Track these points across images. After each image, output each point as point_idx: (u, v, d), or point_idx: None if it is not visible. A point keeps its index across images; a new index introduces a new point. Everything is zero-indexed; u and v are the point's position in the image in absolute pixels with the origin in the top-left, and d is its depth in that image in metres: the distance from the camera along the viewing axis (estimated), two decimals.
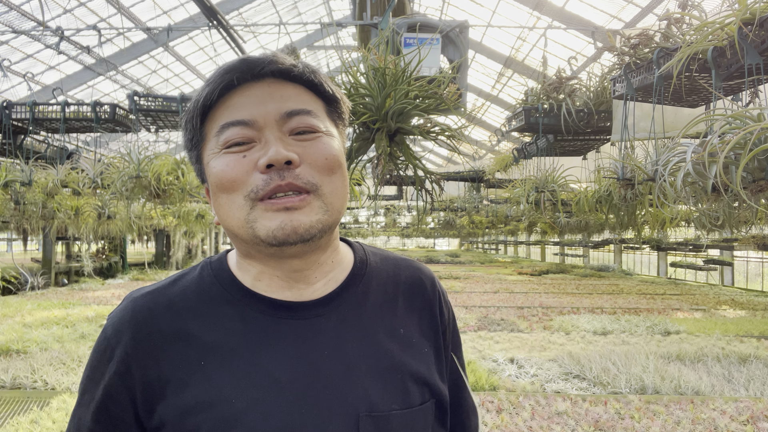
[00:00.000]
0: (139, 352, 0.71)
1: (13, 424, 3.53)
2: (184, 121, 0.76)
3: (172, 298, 0.75)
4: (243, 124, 0.70)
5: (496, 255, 35.71)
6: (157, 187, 4.39)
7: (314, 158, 0.71)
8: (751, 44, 2.08)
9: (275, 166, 0.68)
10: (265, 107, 0.71)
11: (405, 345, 0.80)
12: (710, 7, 2.79)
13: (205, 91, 0.71)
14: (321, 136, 0.73)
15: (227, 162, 0.70)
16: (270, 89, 0.72)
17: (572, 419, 3.70)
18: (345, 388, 0.72)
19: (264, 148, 0.70)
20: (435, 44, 3.53)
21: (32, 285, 11.98)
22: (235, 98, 0.71)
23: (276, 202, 0.69)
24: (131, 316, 0.73)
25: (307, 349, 0.73)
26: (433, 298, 0.87)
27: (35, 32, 7.63)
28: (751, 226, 4.36)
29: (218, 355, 0.71)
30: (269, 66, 0.71)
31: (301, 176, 0.69)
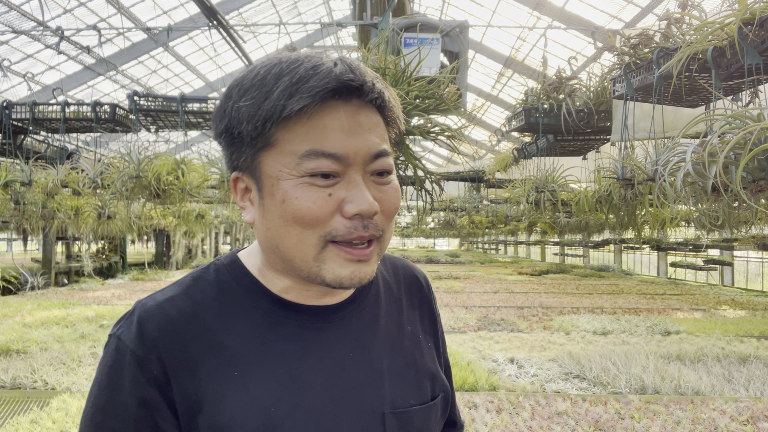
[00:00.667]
0: (174, 362, 0.68)
1: (13, 424, 3.53)
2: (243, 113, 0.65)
3: (195, 306, 0.72)
4: (335, 158, 0.65)
5: (496, 255, 35.71)
6: (157, 187, 4.39)
7: (388, 206, 0.70)
8: (751, 44, 2.08)
9: (362, 215, 0.66)
10: (356, 142, 0.66)
11: (414, 342, 0.83)
12: (710, 7, 2.79)
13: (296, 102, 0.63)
14: (393, 179, 0.71)
15: (314, 199, 0.65)
16: (359, 118, 0.67)
17: (572, 419, 3.70)
18: (370, 387, 0.74)
19: (349, 190, 0.65)
20: (435, 44, 3.53)
21: (32, 285, 11.98)
22: (325, 118, 0.65)
23: (351, 252, 0.67)
24: (158, 326, 0.69)
25: (334, 351, 0.74)
26: (429, 294, 0.92)
27: (35, 32, 7.63)
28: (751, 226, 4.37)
29: (251, 363, 0.70)
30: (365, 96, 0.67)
31: (378, 226, 0.68)
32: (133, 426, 0.67)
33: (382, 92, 0.68)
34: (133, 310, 0.72)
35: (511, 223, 13.37)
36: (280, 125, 0.65)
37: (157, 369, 0.67)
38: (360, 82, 0.65)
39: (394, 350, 0.80)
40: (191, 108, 4.66)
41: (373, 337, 0.79)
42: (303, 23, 7.06)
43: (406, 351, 0.81)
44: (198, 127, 5.05)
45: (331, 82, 0.63)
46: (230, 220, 15.59)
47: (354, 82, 0.64)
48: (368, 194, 0.66)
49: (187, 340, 0.69)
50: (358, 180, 0.66)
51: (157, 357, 0.67)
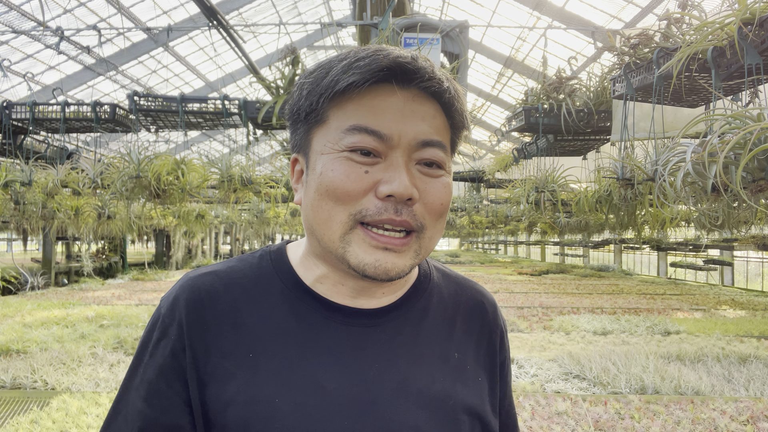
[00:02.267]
0: (193, 333, 0.69)
1: (13, 424, 3.53)
2: (304, 90, 0.68)
3: (230, 283, 0.73)
4: (377, 135, 0.64)
5: (496, 255, 35.72)
6: (157, 187, 4.40)
7: (432, 200, 0.67)
8: (751, 44, 2.08)
9: (395, 198, 0.64)
10: (405, 125, 0.65)
11: (459, 371, 0.76)
12: (710, 7, 2.79)
13: (348, 78, 0.63)
14: (444, 175, 0.69)
15: (348, 172, 0.64)
16: (414, 105, 0.66)
17: (572, 419, 3.70)
18: (392, 407, 0.68)
19: (388, 171, 0.64)
20: (435, 44, 3.53)
21: (32, 285, 11.98)
22: (376, 99, 0.65)
23: (379, 238, 0.65)
24: (188, 296, 0.71)
25: (358, 358, 0.70)
26: (494, 325, 0.83)
27: (35, 32, 7.64)
28: (751, 226, 4.37)
29: (267, 349, 0.69)
30: (425, 82, 0.65)
31: (416, 216, 0.65)
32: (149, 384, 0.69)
33: (441, 82, 0.66)
34: (179, 280, 0.75)
35: (511, 223, 13.38)
36: (333, 102, 0.66)
37: (175, 335, 0.69)
38: (416, 66, 0.64)
39: (432, 375, 0.72)
40: (191, 108, 4.66)
41: (408, 354, 0.72)
42: (303, 23, 7.06)
43: (446, 378, 0.73)
44: (198, 127, 5.05)
45: (384, 60, 0.63)
46: (230, 220, 15.59)
47: (409, 64, 0.64)
48: (406, 177, 0.64)
49: (207, 314, 0.70)
50: (398, 163, 0.65)
51: (179, 325, 0.69)
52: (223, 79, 15.42)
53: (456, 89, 0.68)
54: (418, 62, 0.65)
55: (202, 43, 13.20)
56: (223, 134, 18.61)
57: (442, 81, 0.66)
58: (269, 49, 14.51)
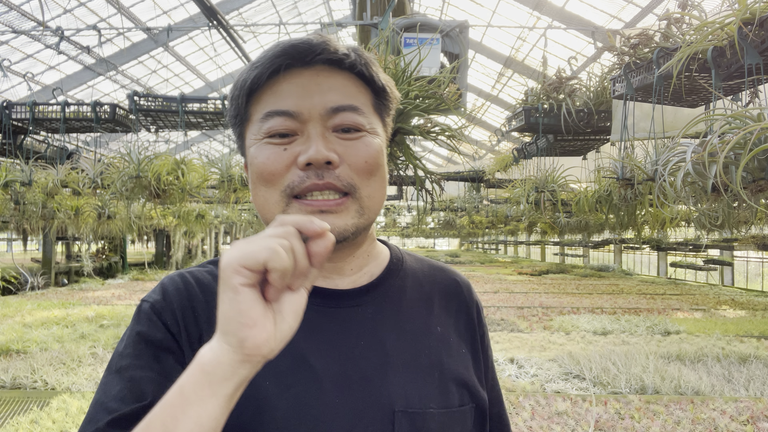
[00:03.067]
0: (186, 319, 0.70)
1: (13, 424, 3.53)
2: (230, 98, 0.74)
3: (207, 276, 0.76)
4: (287, 114, 0.68)
5: (496, 255, 35.71)
6: (157, 187, 4.40)
7: (355, 160, 0.69)
8: (751, 44, 2.08)
9: (314, 165, 0.67)
10: (311, 99, 0.69)
11: (442, 343, 0.78)
12: (710, 7, 2.79)
13: (253, 73, 0.69)
14: (364, 135, 0.71)
15: (268, 154, 0.69)
16: (318, 79, 0.69)
17: (572, 419, 3.70)
18: (381, 381, 0.70)
19: (305, 144, 0.68)
20: (435, 44, 3.53)
21: (32, 285, 11.98)
22: (282, 84, 0.69)
23: (311, 203, 0.68)
24: (177, 287, 0.73)
25: (343, 338, 0.72)
26: (470, 301, 0.86)
27: (35, 32, 7.63)
28: (751, 226, 4.37)
29: None
30: (321, 55, 0.69)
31: (341, 177, 0.68)
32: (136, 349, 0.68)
33: (338, 51, 0.69)
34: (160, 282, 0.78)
35: (511, 223, 13.38)
36: (250, 100, 0.72)
37: (171, 320, 0.71)
38: (310, 44, 0.68)
39: (416, 348, 0.75)
40: (191, 108, 4.66)
41: (392, 331, 0.75)
42: (303, 23, 7.07)
43: (431, 350, 0.76)
44: (198, 127, 5.05)
45: (278, 47, 0.68)
46: (230, 220, 15.59)
47: (302, 44, 0.68)
48: (320, 143, 0.67)
49: (196, 305, 0.72)
50: (313, 133, 0.68)
51: (172, 311, 0.71)
52: (223, 79, 15.42)
53: (359, 54, 0.71)
54: (313, 41, 0.68)
55: (202, 43, 13.20)
56: (223, 134, 18.61)
57: (338, 50, 0.69)
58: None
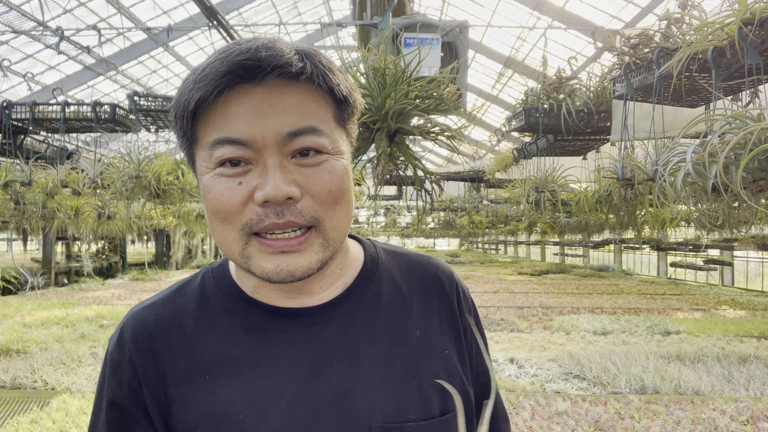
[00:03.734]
0: (145, 366, 0.69)
1: (13, 424, 3.53)
2: (173, 116, 0.66)
3: (175, 309, 0.72)
4: (238, 143, 0.61)
5: (496, 255, 35.72)
6: (157, 187, 4.40)
7: (318, 190, 0.63)
8: (751, 44, 2.08)
9: (272, 202, 0.61)
10: (265, 124, 0.61)
11: (422, 348, 0.74)
12: (710, 7, 2.79)
13: (197, 94, 0.61)
14: (327, 159, 0.64)
15: (222, 190, 0.63)
16: (271, 98, 0.61)
17: (572, 419, 3.70)
18: (356, 397, 0.68)
19: (262, 176, 0.62)
20: (435, 44, 3.53)
21: (32, 285, 11.98)
22: (231, 105, 0.61)
23: (272, 244, 0.63)
24: (133, 330, 0.71)
25: (315, 357, 0.69)
26: (451, 295, 0.81)
27: (35, 32, 7.64)
28: (751, 226, 4.37)
29: (222, 367, 0.68)
30: (272, 72, 0.61)
31: (302, 212, 0.62)
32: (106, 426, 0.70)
33: (293, 63, 0.61)
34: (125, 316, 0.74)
35: (511, 223, 13.38)
36: (197, 120, 0.64)
37: (129, 373, 0.69)
38: (259, 58, 0.59)
39: (393, 357, 0.72)
40: None
41: (366, 342, 0.71)
42: (303, 23, 7.06)
43: (409, 358, 0.72)
44: None
45: (222, 66, 0.60)
46: None
47: (249, 60, 0.59)
48: (279, 178, 0.61)
49: (157, 346, 0.70)
50: (269, 164, 0.62)
51: (129, 361, 0.69)
52: None
53: (317, 62, 0.64)
54: (261, 53, 0.60)
55: (202, 43, 13.20)
56: None
57: (292, 63, 0.61)
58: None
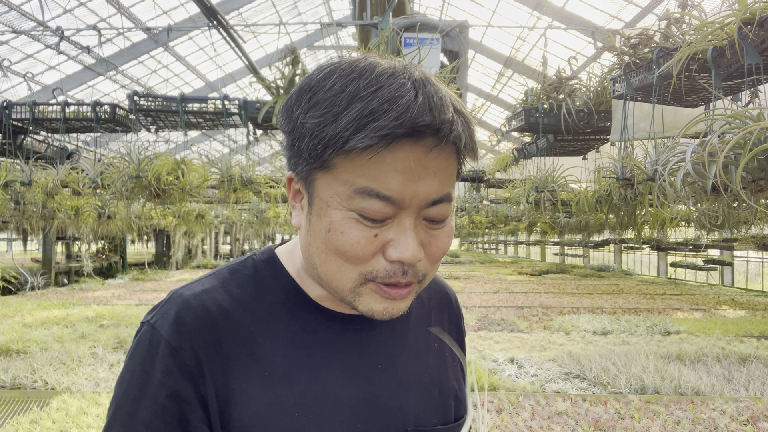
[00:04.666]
0: (210, 356, 0.66)
1: (13, 424, 3.53)
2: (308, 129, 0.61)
3: (234, 302, 0.71)
4: (388, 200, 0.60)
5: (496, 255, 35.72)
6: (157, 187, 4.40)
7: (434, 251, 0.66)
8: (750, 44, 2.08)
9: (403, 263, 0.63)
10: (417, 186, 0.60)
11: (440, 359, 0.82)
12: (710, 7, 2.79)
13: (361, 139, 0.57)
14: (448, 222, 0.67)
15: (358, 238, 0.62)
16: (426, 160, 0.60)
17: (572, 419, 3.70)
18: (395, 403, 0.73)
19: (397, 234, 0.62)
20: (435, 44, 3.53)
21: (32, 285, 11.98)
22: (387, 156, 0.59)
23: (389, 293, 0.65)
24: (196, 316, 0.67)
25: (363, 364, 0.74)
26: (458, 312, 0.91)
27: (35, 32, 7.64)
28: (750, 226, 4.37)
29: (281, 366, 0.69)
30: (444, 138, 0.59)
31: (418, 272, 0.65)
32: (161, 417, 0.64)
33: (460, 135, 0.60)
34: (169, 299, 0.70)
35: (511, 223, 13.38)
36: (340, 153, 0.60)
37: (191, 361, 0.65)
38: (437, 125, 0.58)
39: (421, 366, 0.79)
40: (191, 108, 4.66)
41: (402, 350, 0.78)
42: (303, 23, 7.06)
43: (431, 368, 0.80)
44: (198, 127, 5.05)
45: (403, 125, 0.57)
46: (230, 220, 15.59)
47: (431, 125, 0.58)
48: (415, 242, 0.62)
49: (222, 336, 0.67)
50: (407, 225, 0.62)
51: (191, 348, 0.65)
52: (223, 79, 15.42)
53: (468, 127, 0.63)
54: (439, 116, 0.58)
55: (202, 43, 13.20)
56: (223, 134, 18.62)
57: (460, 135, 0.60)
58: (269, 49, 14.51)
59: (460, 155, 0.64)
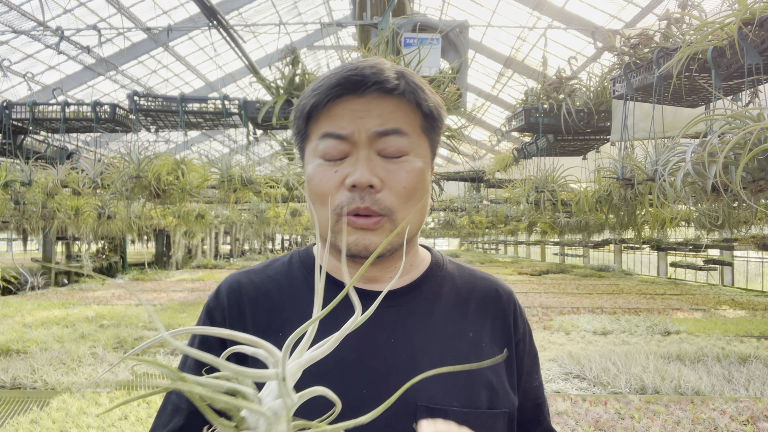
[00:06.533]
0: (233, 314, 0.83)
1: (13, 424, 3.53)
2: (293, 118, 0.83)
3: (264, 279, 0.87)
4: (339, 137, 0.75)
5: (496, 255, 35.71)
6: (157, 187, 4.40)
7: (394, 184, 0.75)
8: (750, 44, 2.08)
9: (358, 187, 0.73)
10: (362, 123, 0.74)
11: (474, 347, 0.83)
12: (710, 7, 2.79)
13: (312, 100, 0.76)
14: (407, 160, 0.76)
15: (321, 175, 0.76)
16: (370, 105, 0.75)
17: (572, 419, 3.70)
18: (407, 376, 0.74)
19: (353, 166, 0.74)
20: (435, 44, 3.53)
21: (32, 285, 11.98)
22: (338, 108, 0.76)
23: (355, 222, 0.74)
24: (229, 286, 0.86)
25: (375, 334, 0.78)
26: (507, 308, 0.90)
27: (35, 32, 7.63)
28: (750, 226, 4.37)
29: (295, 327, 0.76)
30: (373, 87, 0.74)
31: (379, 201, 0.74)
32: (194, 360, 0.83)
33: (389, 80, 0.74)
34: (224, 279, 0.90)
35: (511, 223, 13.38)
36: (309, 121, 0.79)
37: (220, 318, 0.84)
38: (362, 74, 0.73)
39: (445, 349, 0.80)
40: (191, 108, 4.66)
41: (422, 330, 0.80)
42: (303, 23, 7.06)
43: (459, 353, 0.81)
44: (198, 127, 5.05)
45: (334, 78, 0.75)
46: (230, 220, 15.58)
47: (355, 75, 0.74)
48: (365, 168, 0.73)
49: (245, 303, 0.84)
50: (360, 156, 0.75)
51: (221, 309, 0.84)
52: (223, 79, 15.41)
53: (411, 81, 0.77)
54: (366, 72, 0.74)
55: (202, 43, 13.19)
56: (223, 134, 18.61)
57: (389, 80, 0.74)
58: (269, 49, 14.50)
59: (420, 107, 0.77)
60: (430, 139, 0.82)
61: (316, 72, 5.29)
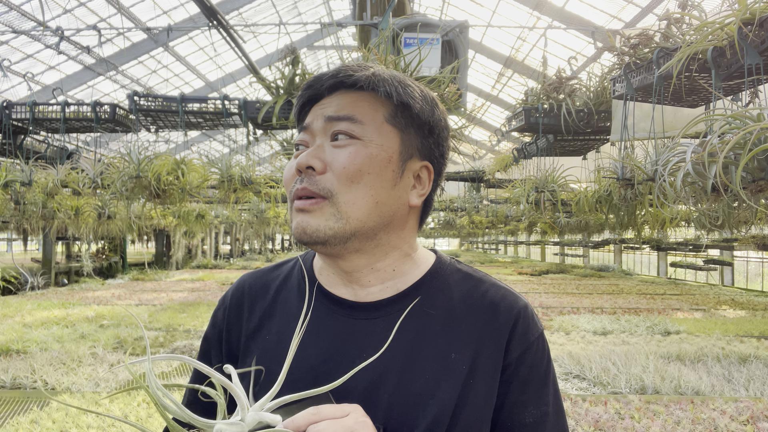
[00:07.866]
0: (231, 317, 0.88)
1: (13, 424, 3.53)
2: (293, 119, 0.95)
3: (267, 282, 0.90)
4: (303, 128, 0.79)
5: (496, 255, 35.71)
6: (157, 187, 4.40)
7: (336, 166, 0.73)
8: (751, 44, 2.08)
9: (301, 171, 0.75)
10: (320, 113, 0.77)
11: (451, 372, 0.74)
12: (710, 7, 2.79)
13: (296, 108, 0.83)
14: (353, 143, 0.74)
15: (287, 167, 0.79)
16: (335, 99, 0.78)
17: (572, 419, 3.70)
18: (368, 394, 0.73)
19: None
20: (435, 44, 3.53)
21: (32, 285, 11.98)
22: (314, 108, 0.80)
23: (296, 204, 0.75)
24: (233, 290, 0.91)
25: (348, 348, 0.77)
26: (503, 327, 0.77)
27: (35, 32, 7.63)
28: (751, 226, 4.37)
29: (280, 332, 0.82)
30: (328, 81, 0.77)
31: (318, 182, 0.74)
32: (200, 350, 0.92)
33: (351, 75, 0.76)
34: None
35: (511, 223, 13.38)
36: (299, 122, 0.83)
37: (221, 318, 0.89)
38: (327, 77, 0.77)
39: (417, 372, 0.74)
40: (191, 108, 4.66)
41: (397, 348, 0.74)
42: (303, 23, 7.06)
43: (431, 378, 0.73)
44: (198, 127, 5.05)
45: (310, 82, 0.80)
46: (230, 220, 15.58)
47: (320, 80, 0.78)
48: (309, 152, 0.75)
49: (245, 304, 0.88)
50: (312, 142, 0.78)
51: (224, 310, 0.90)
52: (223, 79, 15.41)
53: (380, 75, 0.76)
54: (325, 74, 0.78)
55: (202, 43, 13.19)
56: (223, 134, 18.61)
57: (352, 75, 0.76)
58: (269, 49, 14.50)
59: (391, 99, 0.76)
60: (404, 132, 0.77)
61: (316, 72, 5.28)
